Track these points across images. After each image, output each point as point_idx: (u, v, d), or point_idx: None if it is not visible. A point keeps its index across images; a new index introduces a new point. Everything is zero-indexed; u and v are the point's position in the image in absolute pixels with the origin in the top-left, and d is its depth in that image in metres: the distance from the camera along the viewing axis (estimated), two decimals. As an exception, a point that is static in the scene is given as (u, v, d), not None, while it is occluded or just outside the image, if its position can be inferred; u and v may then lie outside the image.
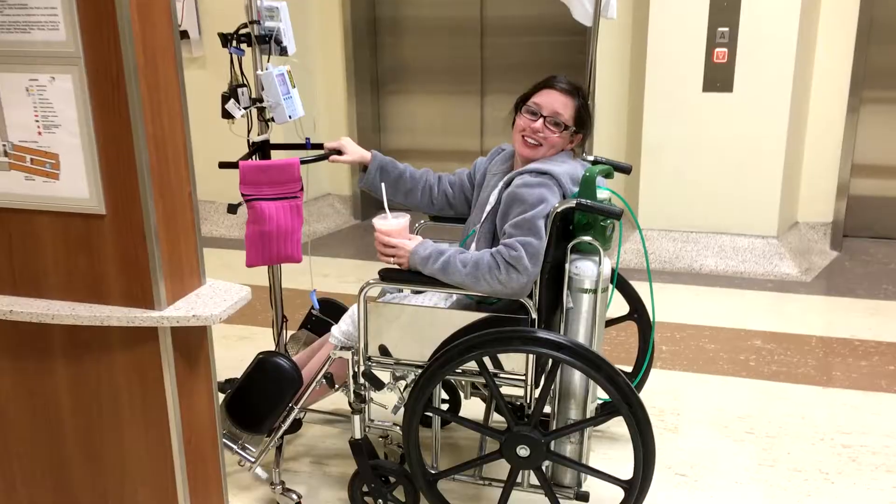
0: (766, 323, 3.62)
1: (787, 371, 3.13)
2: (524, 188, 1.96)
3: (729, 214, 4.39)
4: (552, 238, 1.95)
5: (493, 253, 1.93)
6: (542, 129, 2.07)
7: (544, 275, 1.97)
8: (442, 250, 1.98)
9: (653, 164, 4.44)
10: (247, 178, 2.10)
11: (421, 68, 5.49)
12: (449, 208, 2.39)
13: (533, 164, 2.03)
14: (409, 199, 2.35)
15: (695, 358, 3.26)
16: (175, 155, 1.71)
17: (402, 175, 2.33)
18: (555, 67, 5.17)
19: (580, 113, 2.12)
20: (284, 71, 2.24)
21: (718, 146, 4.31)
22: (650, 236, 4.51)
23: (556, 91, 2.10)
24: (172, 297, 1.73)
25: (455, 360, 1.96)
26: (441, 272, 1.96)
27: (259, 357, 2.24)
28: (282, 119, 2.23)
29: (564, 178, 1.99)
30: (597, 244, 1.97)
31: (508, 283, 1.91)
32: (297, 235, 2.19)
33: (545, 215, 1.93)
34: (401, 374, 2.15)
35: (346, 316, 2.28)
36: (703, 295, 4.03)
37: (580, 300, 2.02)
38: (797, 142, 4.43)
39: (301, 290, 4.27)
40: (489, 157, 2.33)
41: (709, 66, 4.20)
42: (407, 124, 5.61)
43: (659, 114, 4.36)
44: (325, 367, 2.17)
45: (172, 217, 1.72)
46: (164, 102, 1.65)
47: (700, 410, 2.82)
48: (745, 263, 4.29)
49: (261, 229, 2.13)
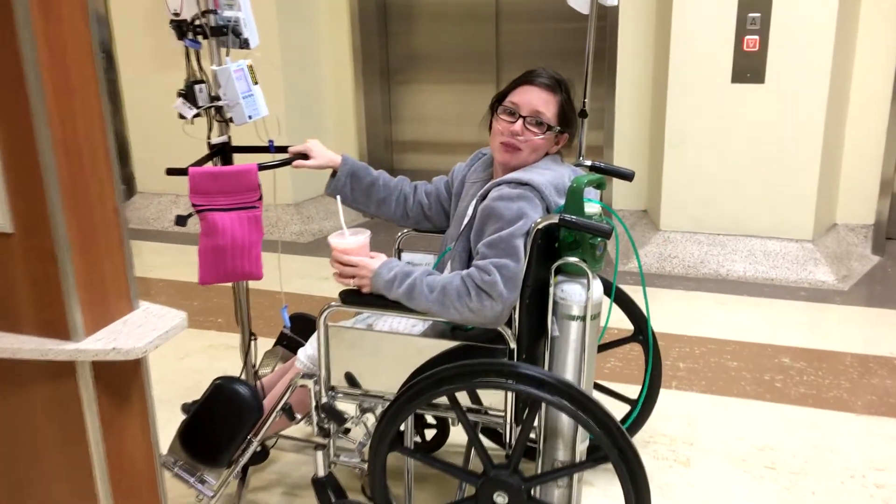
0: (797, 337, 3.36)
1: (817, 394, 2.88)
2: (501, 202, 1.75)
3: (760, 216, 4.13)
4: (533, 258, 1.74)
5: (464, 276, 1.73)
6: (521, 131, 1.86)
7: (525, 299, 1.76)
8: (408, 272, 1.78)
9: (677, 161, 4.19)
10: (198, 186, 1.92)
11: (433, 56, 5.34)
12: (425, 221, 2.18)
13: (512, 175, 1.81)
14: (381, 209, 2.15)
15: (714, 377, 3.02)
16: (94, 163, 1.53)
17: (374, 183, 2.13)
18: (574, 55, 4.94)
19: (564, 110, 1.90)
20: (244, 66, 2.05)
21: (748, 141, 4.04)
22: (673, 239, 4.26)
23: (536, 87, 1.88)
24: (93, 325, 1.56)
25: (424, 395, 1.76)
26: (406, 297, 1.77)
27: (216, 383, 2.07)
28: (241, 120, 2.04)
29: (548, 189, 1.78)
30: (584, 266, 1.75)
31: (481, 312, 1.71)
32: (257, 250, 2.00)
33: (524, 233, 1.72)
34: (368, 406, 1.96)
35: (312, 338, 2.09)
36: (729, 304, 3.77)
37: (567, 328, 1.80)
38: (836, 136, 4.14)
39: (297, 294, 4.13)
40: (468, 163, 2.12)
41: (738, 54, 3.93)
42: (419, 115, 5.46)
43: (684, 107, 4.10)
44: (285, 396, 1.98)
45: (91, 234, 1.54)
46: (77, 104, 1.47)
47: (717, 440, 2.59)
48: (777, 269, 4.02)
49: (214, 243, 1.95)
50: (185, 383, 3.05)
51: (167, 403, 2.86)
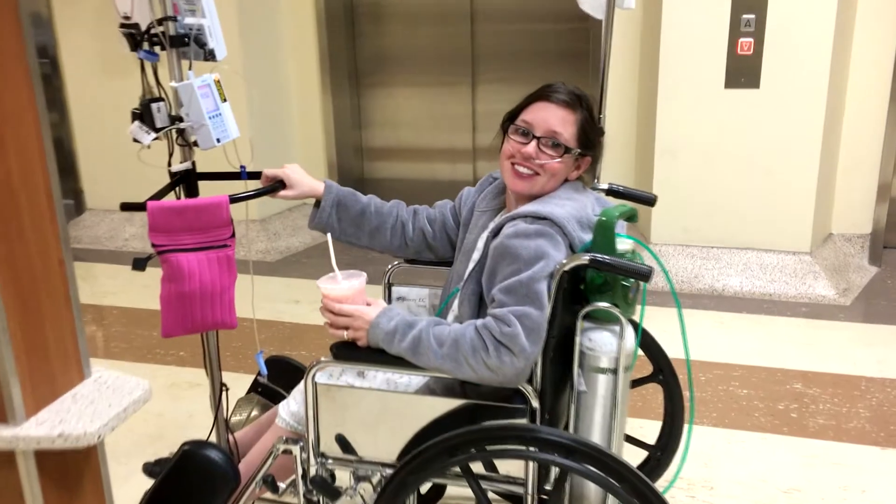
0: (805, 359, 3.20)
1: (837, 425, 2.71)
2: (516, 240, 1.52)
3: (755, 227, 3.97)
4: (558, 305, 1.51)
5: (479, 328, 1.49)
6: (536, 154, 1.63)
7: (548, 351, 1.53)
8: (412, 322, 1.55)
9: (667, 171, 4.01)
10: (158, 223, 1.66)
11: (405, 58, 5.12)
12: (427, 251, 1.95)
13: (527, 207, 1.59)
14: (375, 240, 1.91)
15: (725, 409, 2.83)
16: (33, 208, 1.26)
17: (365, 210, 1.88)
18: (554, 57, 4.77)
19: (584, 130, 1.68)
20: (210, 81, 1.80)
21: (743, 150, 3.88)
22: (665, 252, 4.08)
23: (553, 104, 1.65)
24: (35, 403, 1.29)
25: (430, 467, 1.52)
26: (411, 352, 1.53)
27: (184, 449, 1.80)
28: (208, 143, 1.78)
29: (570, 224, 1.56)
30: (617, 312, 1.53)
31: (500, 369, 1.48)
32: (229, 295, 1.74)
33: (547, 275, 1.50)
34: (364, 475, 1.72)
35: (296, 391, 1.85)
36: (728, 323, 3.60)
37: (595, 382, 1.58)
38: (832, 143, 3.99)
39: (267, 321, 3.85)
40: (478, 188, 1.89)
41: (732, 58, 3.77)
42: (390, 120, 5.24)
43: (674, 113, 3.93)
44: (266, 465, 1.73)
45: (32, 293, 1.28)
46: (10, 138, 1.21)
47: (738, 483, 2.40)
48: (775, 284, 3.86)
49: (179, 289, 1.68)
50: (145, 429, 2.76)
51: (124, 455, 2.58)
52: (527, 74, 4.79)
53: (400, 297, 2.15)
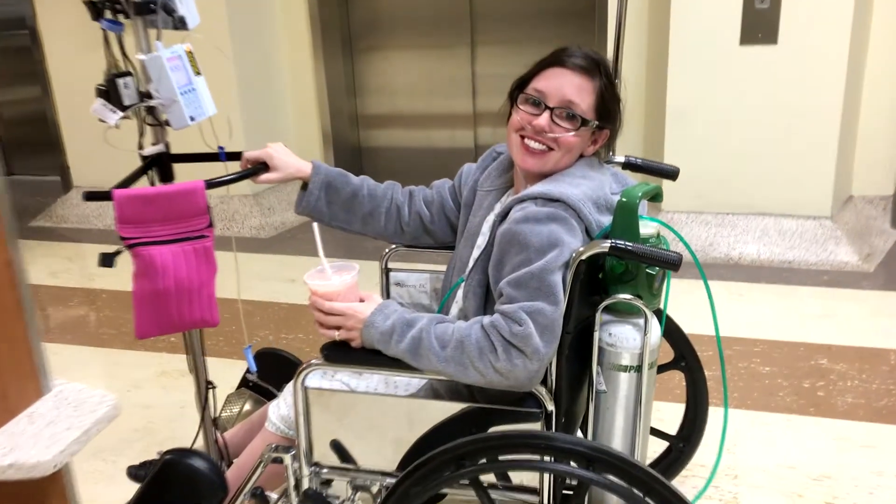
0: (829, 332, 3.05)
1: (867, 404, 2.57)
2: (526, 225, 1.36)
3: (773, 192, 3.81)
4: (575, 297, 1.36)
5: (487, 327, 1.34)
6: (549, 127, 1.47)
7: (563, 349, 1.38)
8: (411, 320, 1.39)
9: (679, 133, 3.84)
10: (126, 213, 1.50)
11: (401, 20, 4.93)
12: (426, 236, 1.79)
13: (537, 187, 1.42)
14: (368, 225, 1.75)
15: (747, 388, 2.69)
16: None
17: (356, 193, 1.72)
18: (557, 16, 4.56)
19: (603, 99, 1.51)
20: (181, 52, 1.62)
21: (760, 110, 3.70)
22: (677, 220, 3.92)
23: (568, 70, 1.48)
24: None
25: (434, 478, 1.38)
26: (410, 354, 1.38)
27: (165, 459, 1.66)
28: (180, 123, 1.62)
29: (586, 206, 1.40)
30: (640, 304, 1.38)
31: (511, 373, 1.33)
32: (209, 290, 1.59)
33: (562, 265, 1.34)
34: (362, 484, 1.58)
35: (286, 392, 1.71)
36: (747, 294, 3.45)
37: (616, 381, 1.44)
38: (853, 100, 3.80)
39: (259, 301, 3.69)
40: (480, 165, 1.72)
41: (748, 11, 3.57)
42: (386, 85, 5.07)
43: (687, 72, 3.74)
44: (255, 476, 1.59)
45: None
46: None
47: (764, 470, 2.26)
48: (794, 250, 3.71)
49: (153, 286, 1.53)
50: (133, 423, 2.63)
51: (110, 453, 2.46)
52: (528, 34, 4.62)
53: (398, 283, 2.00)
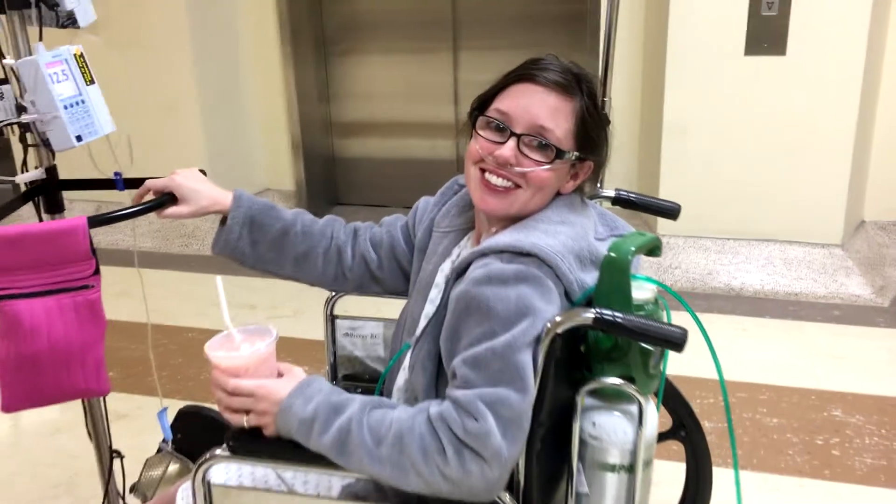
0: (843, 377, 2.79)
1: (889, 467, 2.30)
2: (489, 287, 1.07)
3: (778, 216, 3.59)
4: (549, 380, 1.07)
5: (434, 419, 1.05)
6: (514, 159, 1.18)
7: (535, 443, 1.09)
8: (338, 405, 1.10)
9: (677, 152, 3.62)
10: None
11: (378, 22, 4.72)
12: (372, 283, 1.49)
13: (504, 236, 1.14)
14: (302, 269, 1.46)
15: (753, 444, 2.42)
16: None
17: (287, 230, 1.43)
18: (545, 20, 4.34)
19: (584, 123, 1.21)
20: (68, 56, 1.33)
21: (765, 127, 3.48)
22: (673, 245, 3.66)
23: (540, 87, 1.19)
24: None
25: None
26: (336, 450, 1.09)
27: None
28: (63, 143, 1.33)
29: (566, 260, 1.11)
30: (632, 390, 1.09)
31: (464, 481, 1.04)
32: (96, 354, 1.30)
33: (532, 340, 1.05)
34: None
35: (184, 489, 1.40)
36: (750, 330, 3.18)
37: (602, 482, 1.15)
38: (867, 118, 3.56)
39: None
40: (438, 200, 1.43)
41: (754, 18, 3.35)
42: (362, 91, 4.84)
43: (685, 84, 3.52)
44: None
45: None
46: None
47: (773, 550, 1.99)
48: (801, 282, 3.44)
49: (19, 350, 1.24)
50: (53, 478, 2.31)
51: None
52: (514, 39, 4.44)
53: (348, 333, 1.71)
